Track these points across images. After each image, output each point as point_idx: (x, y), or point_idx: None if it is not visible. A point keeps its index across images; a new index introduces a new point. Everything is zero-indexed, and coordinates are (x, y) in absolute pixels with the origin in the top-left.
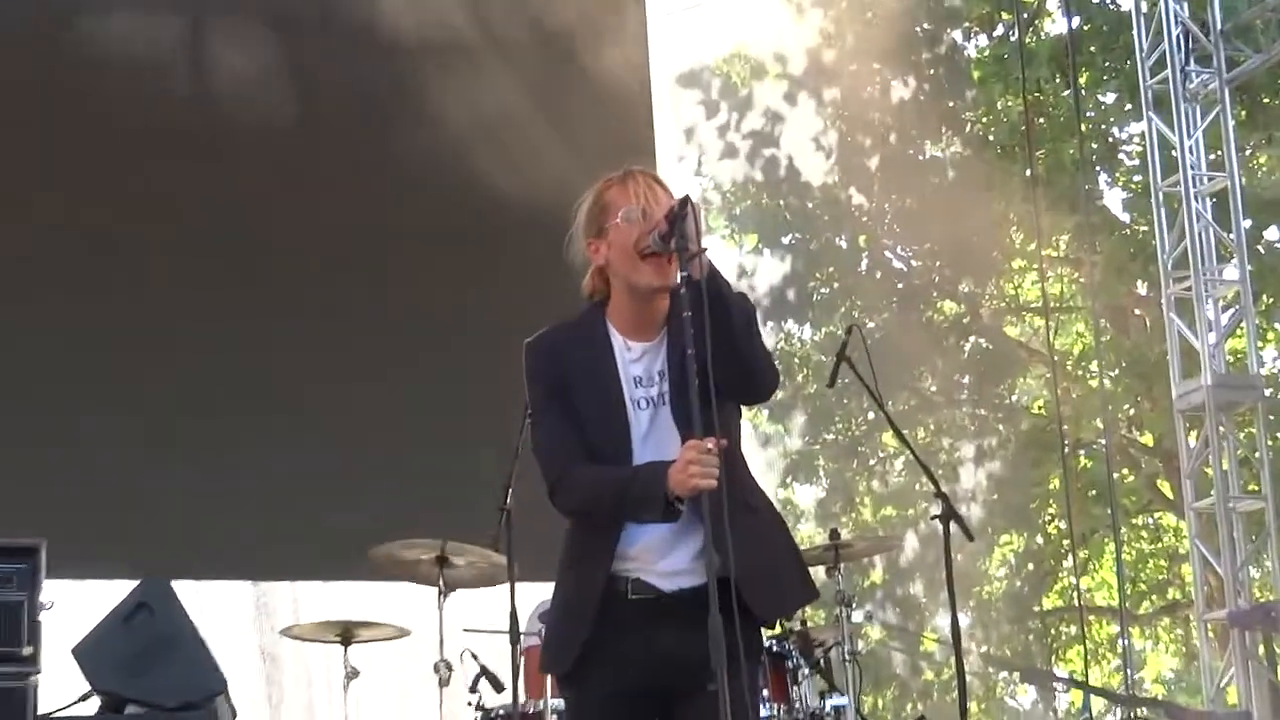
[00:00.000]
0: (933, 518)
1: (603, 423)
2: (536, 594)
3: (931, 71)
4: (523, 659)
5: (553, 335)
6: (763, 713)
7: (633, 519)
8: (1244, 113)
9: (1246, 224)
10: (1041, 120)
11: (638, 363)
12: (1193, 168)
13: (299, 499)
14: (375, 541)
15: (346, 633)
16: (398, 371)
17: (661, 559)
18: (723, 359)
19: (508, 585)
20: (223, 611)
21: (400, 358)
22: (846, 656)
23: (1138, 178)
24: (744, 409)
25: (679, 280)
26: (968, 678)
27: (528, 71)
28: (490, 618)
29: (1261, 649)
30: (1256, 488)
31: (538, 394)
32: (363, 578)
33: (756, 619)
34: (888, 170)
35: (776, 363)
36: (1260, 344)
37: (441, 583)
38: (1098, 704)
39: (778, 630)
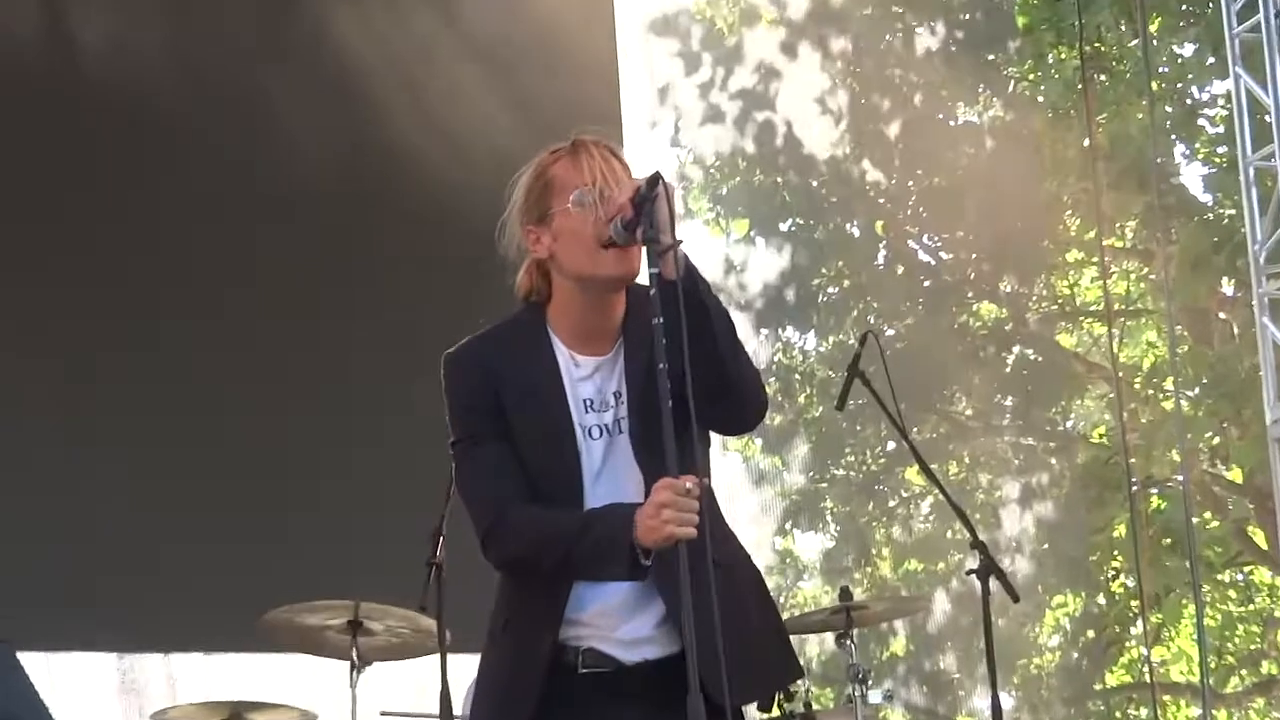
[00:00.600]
0: (968, 573)
1: (545, 456)
2: (472, 667)
3: (966, 16)
4: None
5: (479, 346)
6: None
7: (588, 576)
8: None
9: None
10: (1102, 77)
11: (587, 381)
12: None
13: (175, 554)
14: (269, 604)
15: (235, 717)
16: (294, 398)
17: (621, 624)
18: (701, 377)
19: (437, 656)
20: (80, 690)
21: (296, 381)
22: None
23: (1222, 149)
24: (723, 438)
25: (649, 277)
26: None
27: (462, 16)
28: (415, 697)
29: None
30: None
31: (462, 420)
32: (255, 649)
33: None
34: (911, 140)
35: (771, 379)
36: None
37: (355, 654)
38: None
39: (776, 713)
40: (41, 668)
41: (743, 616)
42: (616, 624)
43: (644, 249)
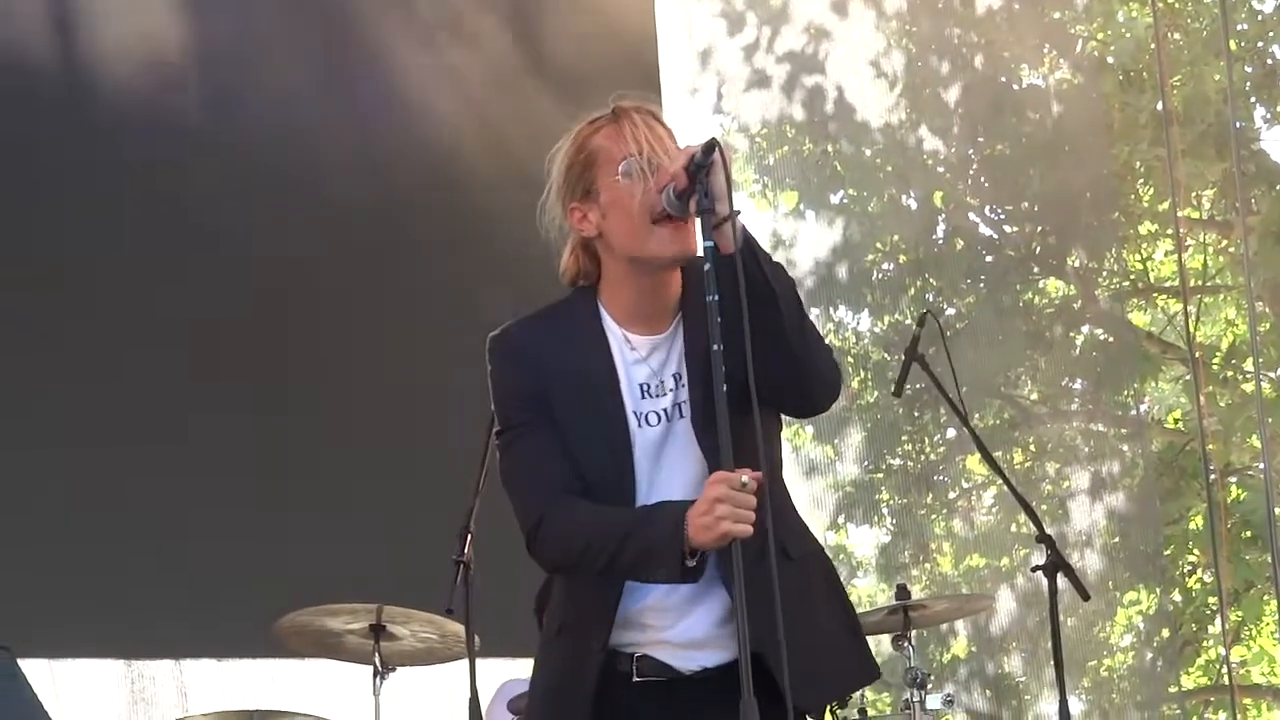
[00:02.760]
0: (1034, 569)
1: (595, 446)
2: (503, 672)
3: None
4: None
5: (526, 328)
6: None
7: (638, 578)
8: None
9: None
10: (1177, 36)
11: (643, 364)
12: None
13: (186, 555)
14: (287, 608)
15: None
16: (314, 395)
17: (678, 623)
18: (765, 359)
19: (465, 662)
20: (87, 700)
21: (317, 377)
22: None
23: None
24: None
25: (703, 250)
26: None
27: None
28: (442, 706)
29: None
30: None
31: (509, 408)
32: (272, 655)
33: (796, 708)
34: (972, 105)
35: None
36: None
37: (378, 660)
38: None
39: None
40: (45, 676)
41: (814, 613)
42: (673, 622)
43: (698, 220)
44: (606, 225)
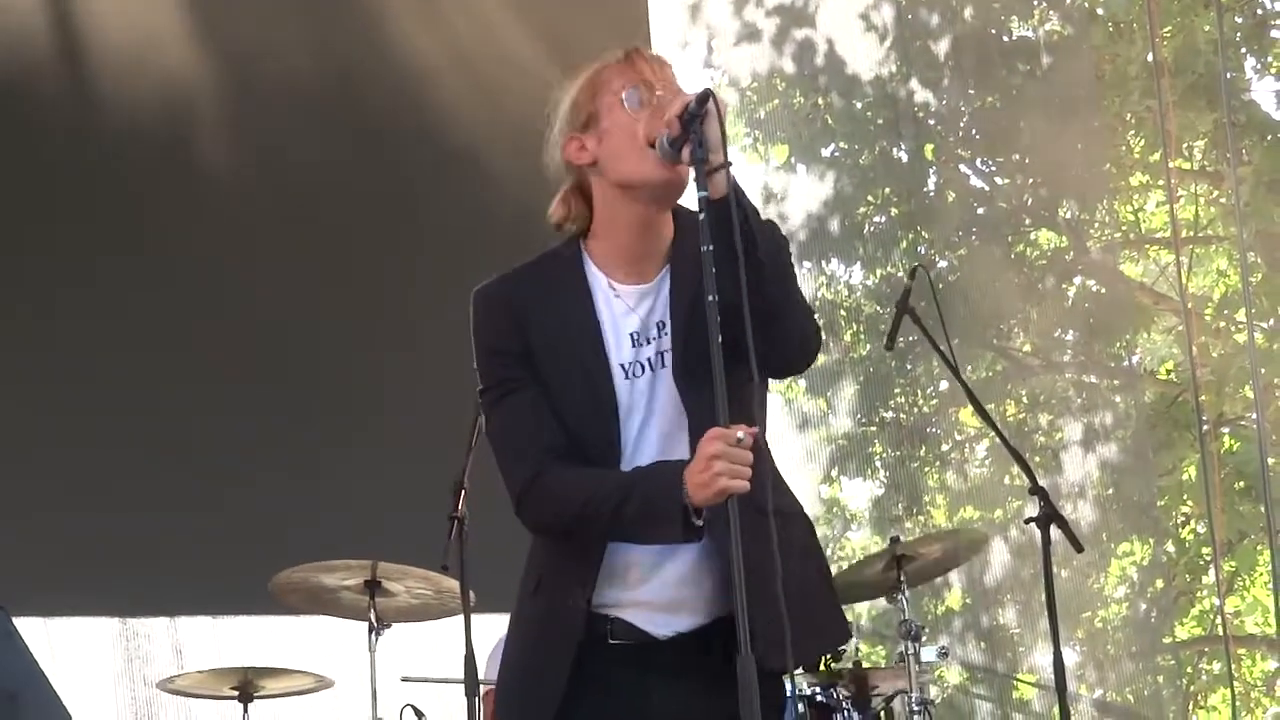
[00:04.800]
0: (1028, 521)
1: (578, 399)
2: (498, 629)
3: None
4: (481, 713)
5: (509, 282)
6: None
7: (639, 539)
8: None
9: None
10: None
11: (630, 313)
12: None
13: (180, 513)
14: (281, 565)
15: (246, 684)
16: (305, 353)
17: (644, 584)
18: (749, 313)
19: (460, 619)
20: (83, 657)
21: (307, 336)
22: (915, 707)
23: None
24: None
25: (697, 201)
26: None
27: None
28: (437, 662)
29: None
30: None
31: (494, 364)
32: (266, 612)
33: (770, 669)
34: (963, 57)
35: (816, 317)
36: None
37: (373, 616)
38: None
39: (824, 673)
40: (40, 634)
41: (794, 570)
42: (645, 577)
43: (692, 170)
44: (602, 150)
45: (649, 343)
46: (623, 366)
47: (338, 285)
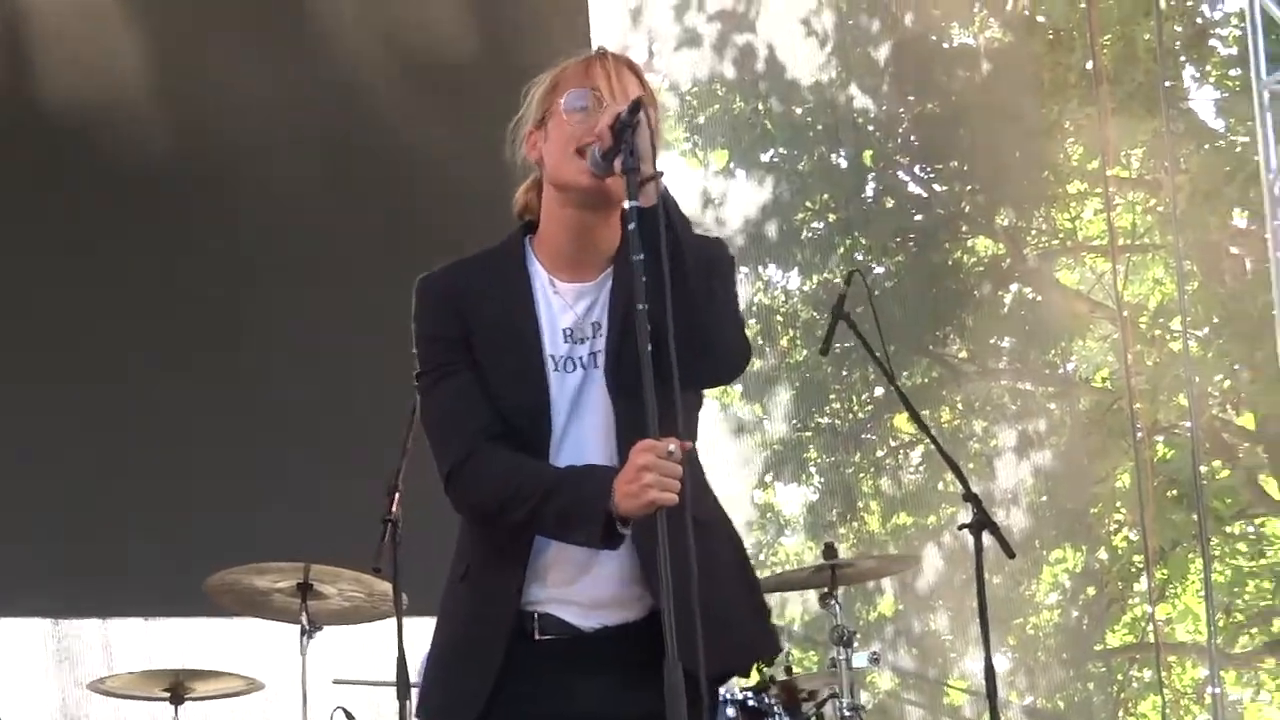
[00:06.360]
0: (961, 528)
1: (513, 389)
2: (431, 632)
3: None
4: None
5: (453, 271)
6: None
7: (558, 537)
8: None
9: None
10: None
11: (568, 310)
12: None
13: (112, 513)
14: (214, 567)
15: (177, 686)
16: (240, 353)
17: (576, 583)
18: (676, 319)
19: (393, 621)
20: (13, 658)
21: (241, 337)
22: (846, 712)
23: (1235, 72)
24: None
25: (628, 208)
26: None
27: None
28: (369, 664)
29: None
30: None
31: (432, 350)
32: (198, 614)
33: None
34: (902, 64)
35: (751, 321)
36: None
37: (305, 618)
38: None
39: (755, 679)
40: None
41: (718, 580)
42: (575, 577)
43: (624, 179)
44: (546, 150)
45: (583, 341)
46: (554, 359)
47: (270, 287)
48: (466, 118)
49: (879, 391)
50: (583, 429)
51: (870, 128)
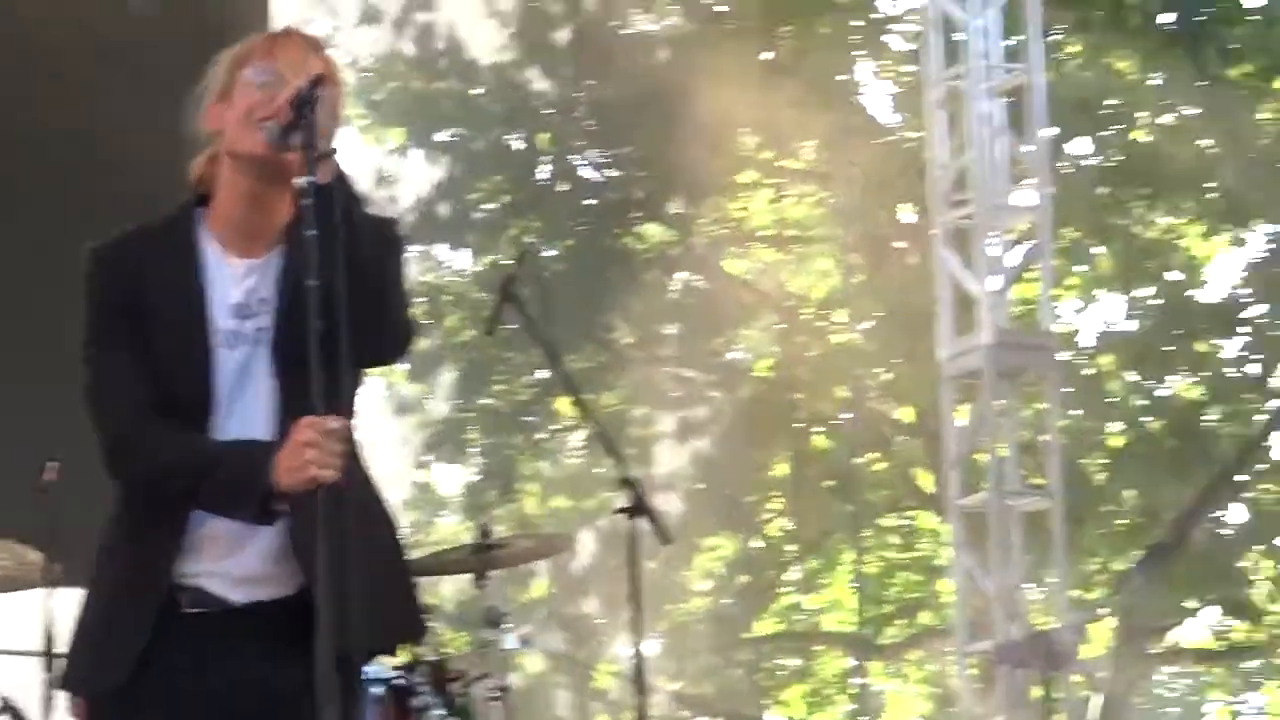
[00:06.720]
0: (617, 511)
1: (178, 363)
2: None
3: None
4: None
5: (126, 241)
6: None
7: (215, 511)
8: None
9: (1049, 134)
10: None
11: (237, 285)
12: (983, 57)
13: None
14: None
15: None
16: None
17: (229, 559)
18: (347, 300)
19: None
20: None
21: None
22: (493, 694)
23: (910, 68)
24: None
25: (304, 184)
26: None
27: None
28: (20, 634)
29: (1037, 692)
30: (1042, 481)
31: (99, 320)
32: None
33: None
34: (581, 49)
35: (420, 300)
36: (1057, 292)
37: None
38: None
39: (404, 658)
40: None
41: (371, 559)
42: (228, 553)
43: (302, 156)
44: (226, 121)
45: (251, 317)
46: (221, 334)
47: None
48: (146, 87)
49: (543, 374)
50: (247, 405)
51: (547, 111)
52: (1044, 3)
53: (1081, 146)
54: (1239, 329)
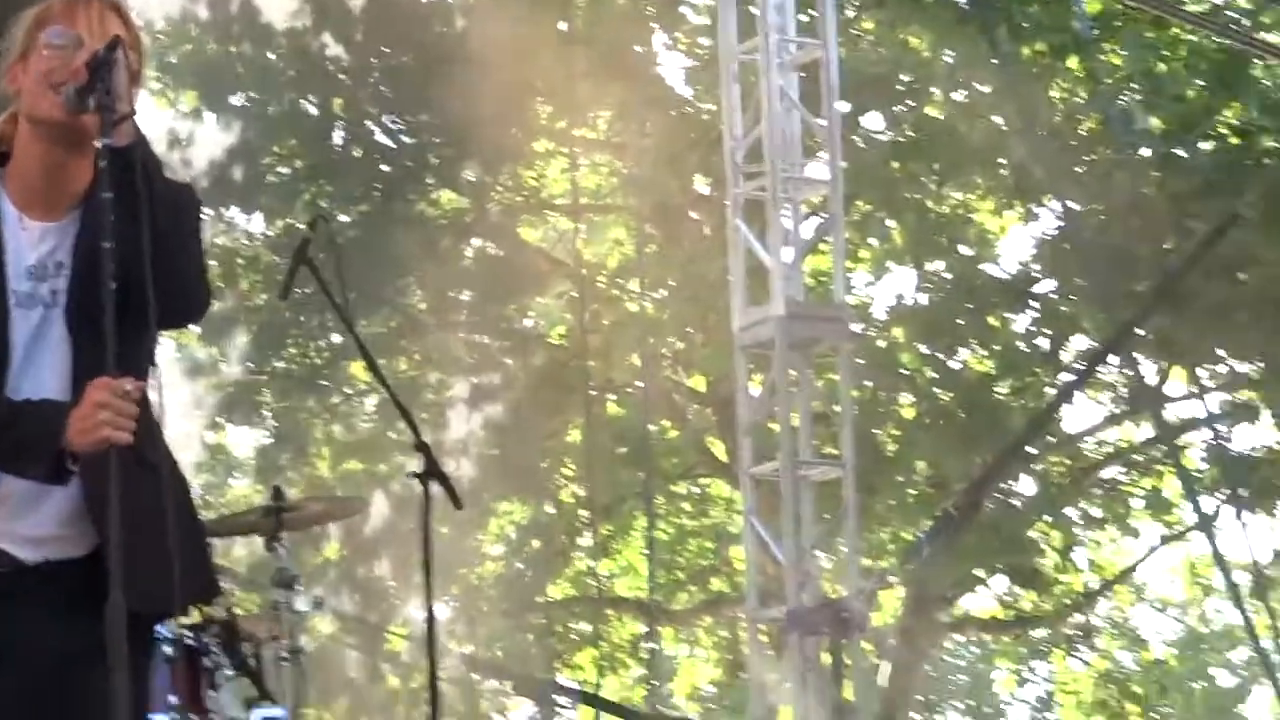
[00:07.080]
0: (410, 476)
1: None
2: None
3: None
4: None
5: None
6: None
7: (6, 469)
8: None
9: (843, 108)
10: None
11: (34, 248)
12: (777, 31)
13: None
14: None
15: None
16: None
17: (21, 519)
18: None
19: None
20: None
21: None
22: (285, 655)
23: (705, 41)
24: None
25: (101, 147)
26: (443, 687)
27: None
28: None
29: (827, 658)
30: (834, 451)
31: None
32: None
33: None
34: (376, 15)
35: (214, 264)
36: (850, 264)
37: None
38: None
39: (195, 618)
40: None
41: (163, 521)
42: (18, 513)
43: (99, 118)
44: (23, 83)
45: (45, 279)
46: (16, 295)
47: None
48: None
49: (336, 339)
50: (41, 367)
51: (342, 76)
52: None
53: (875, 121)
54: (1029, 304)
